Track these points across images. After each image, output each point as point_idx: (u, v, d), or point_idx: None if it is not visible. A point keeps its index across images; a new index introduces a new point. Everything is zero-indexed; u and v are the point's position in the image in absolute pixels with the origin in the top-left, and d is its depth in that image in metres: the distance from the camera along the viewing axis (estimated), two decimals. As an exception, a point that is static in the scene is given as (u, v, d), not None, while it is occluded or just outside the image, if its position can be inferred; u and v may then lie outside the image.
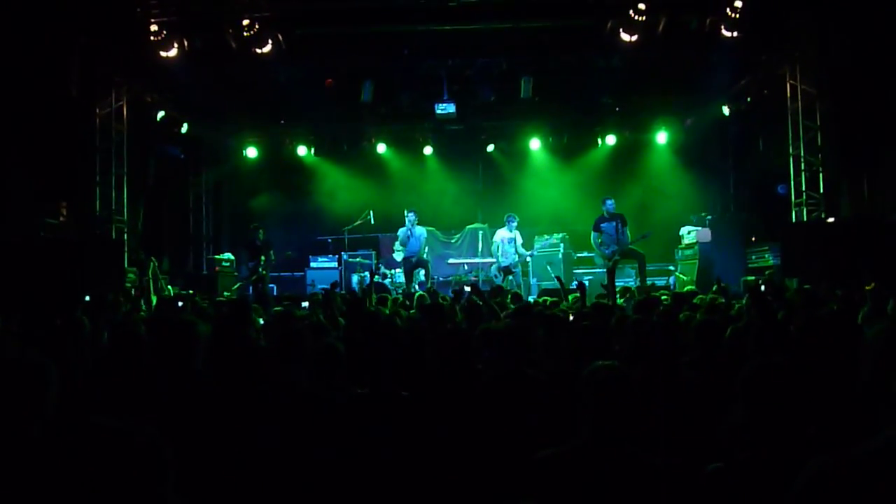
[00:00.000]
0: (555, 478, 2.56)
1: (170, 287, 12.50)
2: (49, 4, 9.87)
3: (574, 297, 8.16)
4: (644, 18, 10.73)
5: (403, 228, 13.49)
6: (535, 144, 16.54)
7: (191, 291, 11.33)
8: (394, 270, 14.70)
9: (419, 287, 12.65)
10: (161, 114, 13.72)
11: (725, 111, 14.69)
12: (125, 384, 3.56)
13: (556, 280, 9.91)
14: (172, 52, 11.17)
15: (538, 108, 14.85)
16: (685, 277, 13.18)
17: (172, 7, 10.95)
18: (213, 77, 12.90)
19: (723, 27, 10.87)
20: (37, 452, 1.88)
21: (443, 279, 14.96)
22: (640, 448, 2.62)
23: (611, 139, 16.39)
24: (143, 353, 3.80)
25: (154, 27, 10.91)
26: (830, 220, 11.18)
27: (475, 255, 15.24)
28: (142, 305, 8.67)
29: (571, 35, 12.12)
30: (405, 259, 13.47)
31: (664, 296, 8.22)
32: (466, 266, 15.23)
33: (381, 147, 16.70)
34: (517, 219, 13.62)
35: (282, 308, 7.29)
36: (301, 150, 16.81)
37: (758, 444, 2.30)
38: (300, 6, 11.09)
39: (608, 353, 4.17)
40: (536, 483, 2.58)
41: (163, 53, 11.15)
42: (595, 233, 12.55)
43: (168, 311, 7.79)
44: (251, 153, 16.95)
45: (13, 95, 9.57)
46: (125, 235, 12.61)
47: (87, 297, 7.48)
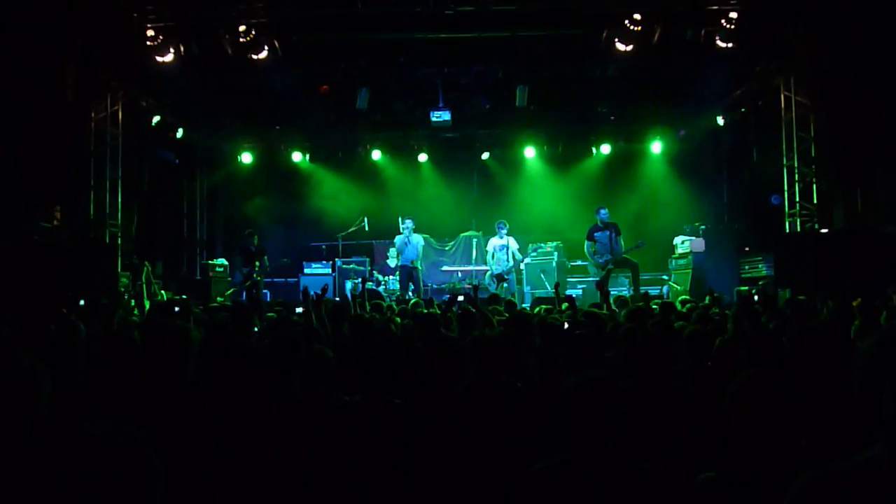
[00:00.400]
0: (548, 491, 2.56)
1: (163, 292, 12.47)
2: (45, 8, 9.86)
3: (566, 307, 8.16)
4: (639, 28, 10.80)
5: (401, 236, 13.49)
6: (530, 153, 16.57)
7: (184, 297, 11.31)
8: (387, 277, 14.70)
9: (412, 295, 12.64)
10: (156, 119, 13.71)
11: (720, 121, 14.77)
12: (117, 390, 3.55)
13: (554, 289, 9.89)
14: (168, 58, 11.17)
15: (533, 117, 14.92)
16: (679, 287, 13.21)
17: (169, 12, 10.96)
18: (209, 82, 12.88)
19: (718, 38, 10.95)
20: (26, 458, 1.87)
21: (436, 286, 14.98)
22: (632, 458, 2.62)
23: (605, 148, 16.46)
24: (136, 359, 3.79)
25: (150, 32, 10.93)
26: (824, 231, 11.21)
27: (469, 263, 15.26)
28: (134, 310, 8.65)
29: (567, 44, 12.19)
30: (401, 266, 13.48)
31: (654, 304, 8.22)
32: (460, 273, 15.24)
33: (376, 154, 16.71)
34: (507, 225, 13.66)
35: (275, 314, 7.27)
36: (296, 157, 16.80)
37: (749, 455, 2.30)
38: (296, 13, 11.08)
39: (601, 362, 4.17)
40: (530, 497, 2.58)
41: (159, 58, 11.15)
42: (589, 242, 12.58)
43: (162, 317, 7.75)
44: (246, 159, 16.91)
45: (8, 98, 9.55)
46: (119, 240, 12.56)
47: (83, 302, 7.44)
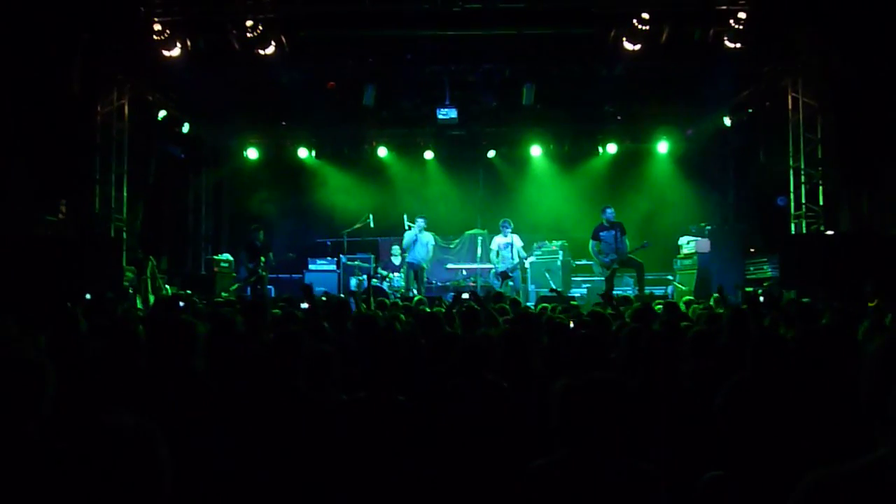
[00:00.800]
0: (548, 488, 2.55)
1: (167, 286, 12.49)
2: (52, 2, 9.87)
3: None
4: (647, 28, 10.77)
5: (409, 233, 13.49)
6: (536, 151, 16.55)
7: (188, 291, 11.33)
8: (392, 274, 14.70)
9: (416, 292, 12.65)
10: (162, 113, 13.71)
11: (727, 122, 14.72)
12: (122, 383, 3.56)
13: (554, 292, 9.90)
14: (175, 52, 11.17)
15: (540, 115, 14.87)
16: (684, 287, 13.19)
17: (176, 7, 10.96)
18: (216, 78, 12.89)
19: (726, 38, 10.91)
20: (33, 451, 1.88)
21: (441, 284, 14.97)
22: (635, 457, 2.62)
23: (612, 148, 16.44)
24: (141, 353, 3.80)
25: (157, 26, 10.92)
26: (830, 233, 11.19)
27: (474, 261, 15.24)
28: (139, 304, 8.66)
29: (574, 43, 12.16)
30: (408, 263, 13.49)
31: (658, 305, 8.21)
32: (465, 271, 15.23)
33: (382, 151, 16.71)
34: (511, 223, 13.65)
35: (280, 310, 7.26)
36: (302, 153, 16.81)
37: (753, 455, 2.29)
38: (304, 9, 11.08)
39: (606, 362, 4.17)
40: (530, 493, 2.58)
41: (166, 53, 11.14)
42: (594, 241, 12.55)
43: (166, 311, 7.77)
44: (252, 154, 16.93)
45: (15, 92, 9.56)
46: (124, 234, 12.59)
47: (88, 296, 7.46)
